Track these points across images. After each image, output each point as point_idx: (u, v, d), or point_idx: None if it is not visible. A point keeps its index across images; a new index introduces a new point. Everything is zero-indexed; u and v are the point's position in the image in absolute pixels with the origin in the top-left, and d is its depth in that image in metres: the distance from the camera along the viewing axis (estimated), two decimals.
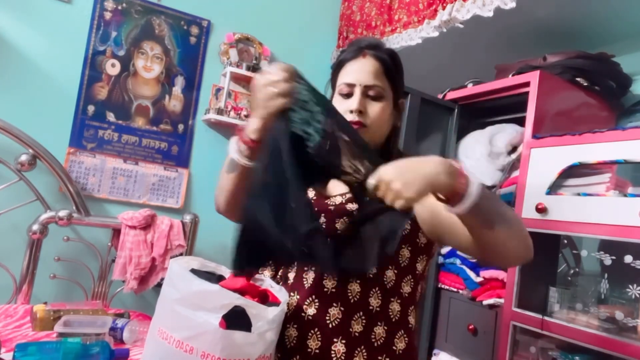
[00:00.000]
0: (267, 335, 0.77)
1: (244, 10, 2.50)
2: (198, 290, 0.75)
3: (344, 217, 0.91)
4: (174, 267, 0.82)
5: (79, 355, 1.15)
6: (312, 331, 0.87)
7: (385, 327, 0.89)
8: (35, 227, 1.95)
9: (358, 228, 0.85)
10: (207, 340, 0.72)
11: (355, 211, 0.90)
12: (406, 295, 0.92)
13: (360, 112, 0.95)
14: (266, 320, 0.76)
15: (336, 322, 0.87)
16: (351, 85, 0.97)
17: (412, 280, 0.93)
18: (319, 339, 0.87)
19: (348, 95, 0.97)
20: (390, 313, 0.90)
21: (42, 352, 1.14)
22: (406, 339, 0.91)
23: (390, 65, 0.98)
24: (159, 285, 2.08)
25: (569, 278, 1.63)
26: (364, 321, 0.88)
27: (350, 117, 0.95)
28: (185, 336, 0.73)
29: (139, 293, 2.07)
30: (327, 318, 0.87)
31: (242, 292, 0.79)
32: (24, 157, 1.94)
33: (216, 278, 0.89)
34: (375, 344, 0.88)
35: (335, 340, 0.86)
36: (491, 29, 1.91)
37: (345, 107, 0.97)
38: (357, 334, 0.87)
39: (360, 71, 0.97)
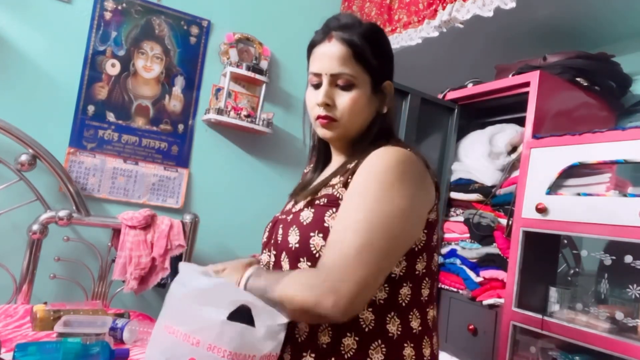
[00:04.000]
0: (277, 335, 0.76)
1: (244, 10, 2.50)
2: (207, 286, 0.76)
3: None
4: (184, 267, 0.82)
5: (79, 355, 1.15)
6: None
7: (357, 338, 0.80)
8: (35, 227, 1.95)
9: None
10: (214, 333, 0.71)
11: None
12: (381, 302, 0.81)
13: (328, 105, 0.87)
14: (275, 319, 0.76)
15: (305, 336, 0.83)
16: (318, 75, 0.89)
17: (386, 285, 0.82)
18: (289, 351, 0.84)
19: (317, 86, 0.89)
20: (363, 323, 0.80)
21: (42, 352, 1.14)
22: (384, 349, 0.80)
23: (361, 47, 0.86)
24: (159, 285, 2.08)
25: (569, 278, 1.64)
26: (330, 332, 0.81)
27: (317, 112, 0.89)
28: (192, 329, 0.73)
29: (139, 293, 2.07)
30: (297, 332, 0.83)
31: None
32: (24, 157, 1.94)
33: None
34: (346, 356, 0.80)
35: (304, 354, 0.82)
36: (491, 29, 1.91)
37: (313, 101, 0.89)
38: (324, 345, 0.81)
39: (326, 58, 0.87)
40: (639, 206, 1.27)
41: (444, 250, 1.95)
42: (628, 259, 1.31)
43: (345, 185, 0.84)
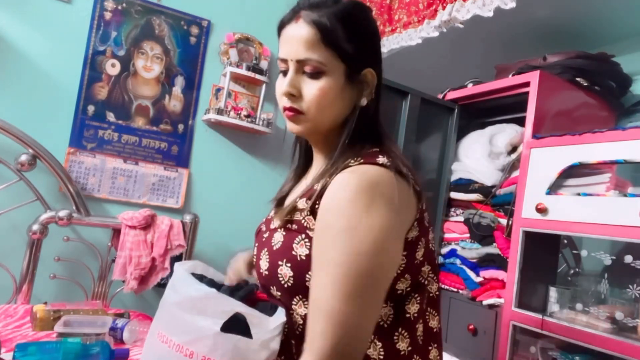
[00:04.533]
0: (270, 344, 0.75)
1: (244, 10, 2.50)
2: (199, 295, 0.75)
3: None
4: (178, 271, 0.81)
5: (79, 355, 1.15)
6: None
7: None
8: (35, 227, 1.95)
9: None
10: (208, 344, 0.71)
11: None
12: None
13: (293, 95, 0.78)
14: (268, 328, 0.74)
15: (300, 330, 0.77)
16: (284, 61, 0.79)
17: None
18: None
19: (285, 74, 0.79)
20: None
21: (42, 352, 1.14)
22: None
23: (332, 28, 0.74)
24: (159, 285, 2.08)
25: (569, 278, 1.64)
26: None
27: (283, 102, 0.79)
28: (186, 340, 0.72)
29: (139, 293, 2.07)
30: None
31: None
32: (24, 157, 1.94)
33: (218, 287, 0.87)
34: None
35: None
36: (491, 29, 1.91)
37: (279, 90, 0.80)
38: None
39: (293, 41, 0.77)
40: (639, 206, 1.27)
41: (444, 250, 1.95)
42: (628, 259, 1.31)
43: (312, 212, 0.75)
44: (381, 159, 0.75)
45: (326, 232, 0.70)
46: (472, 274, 1.78)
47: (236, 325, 0.73)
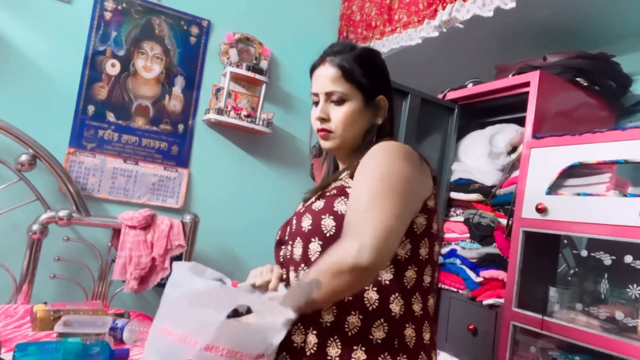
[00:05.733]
0: (277, 331, 0.77)
1: (244, 10, 2.50)
2: (203, 288, 0.76)
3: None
4: (178, 268, 0.82)
5: (79, 355, 1.15)
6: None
7: (360, 317, 0.86)
8: (35, 227, 1.95)
9: None
10: (212, 333, 0.72)
11: None
12: (386, 282, 0.88)
13: (324, 119, 1.00)
14: (276, 315, 0.76)
15: (309, 315, 0.86)
16: (316, 94, 1.03)
17: (391, 267, 0.88)
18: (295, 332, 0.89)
19: (317, 104, 1.03)
20: (367, 302, 0.87)
21: (42, 352, 1.14)
22: (386, 328, 0.86)
23: (350, 68, 0.99)
24: (159, 285, 2.08)
25: (569, 278, 1.63)
26: (334, 311, 0.87)
27: (316, 126, 1.02)
28: (189, 331, 0.73)
29: (139, 293, 2.06)
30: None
31: None
32: (24, 157, 1.94)
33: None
34: (349, 334, 0.86)
35: (307, 332, 0.88)
36: (491, 29, 1.91)
37: (314, 117, 1.03)
38: (328, 324, 0.87)
39: (321, 79, 1.01)
40: (639, 206, 1.27)
41: (444, 250, 1.94)
42: (628, 259, 1.31)
43: (352, 176, 0.93)
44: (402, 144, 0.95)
45: (364, 170, 0.88)
46: (472, 274, 1.78)
47: (240, 315, 0.75)
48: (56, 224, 1.98)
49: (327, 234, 0.90)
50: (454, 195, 1.98)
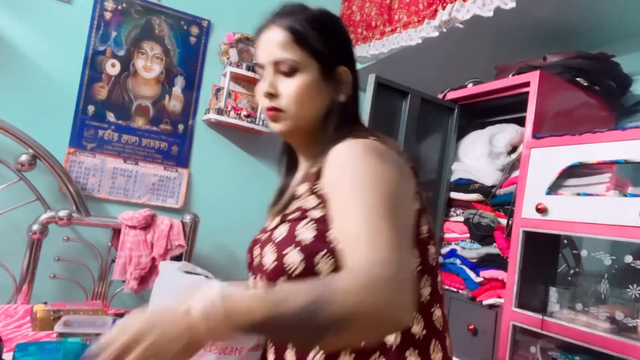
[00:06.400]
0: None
1: (244, 10, 2.50)
2: (190, 282, 0.75)
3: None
4: (165, 268, 0.82)
5: (79, 355, 1.15)
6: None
7: (352, 355, 0.71)
8: (35, 227, 1.95)
9: None
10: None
11: None
12: None
13: (271, 94, 0.81)
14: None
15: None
16: (261, 66, 0.84)
17: None
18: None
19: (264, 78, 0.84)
20: None
21: (42, 352, 1.14)
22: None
23: (303, 31, 0.80)
24: None
25: (569, 278, 1.63)
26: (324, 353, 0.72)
27: (263, 103, 0.82)
28: None
29: (139, 293, 2.06)
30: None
31: None
32: (24, 157, 1.94)
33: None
34: None
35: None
36: (491, 29, 1.91)
37: (259, 93, 0.83)
38: None
39: (268, 45, 0.83)
40: (639, 206, 1.27)
41: (444, 250, 1.94)
42: (628, 259, 1.31)
43: (313, 192, 0.75)
44: (372, 138, 0.76)
45: (338, 187, 0.68)
46: (472, 274, 1.78)
47: None
48: (56, 224, 1.98)
49: (294, 274, 0.71)
50: (454, 195, 1.98)
